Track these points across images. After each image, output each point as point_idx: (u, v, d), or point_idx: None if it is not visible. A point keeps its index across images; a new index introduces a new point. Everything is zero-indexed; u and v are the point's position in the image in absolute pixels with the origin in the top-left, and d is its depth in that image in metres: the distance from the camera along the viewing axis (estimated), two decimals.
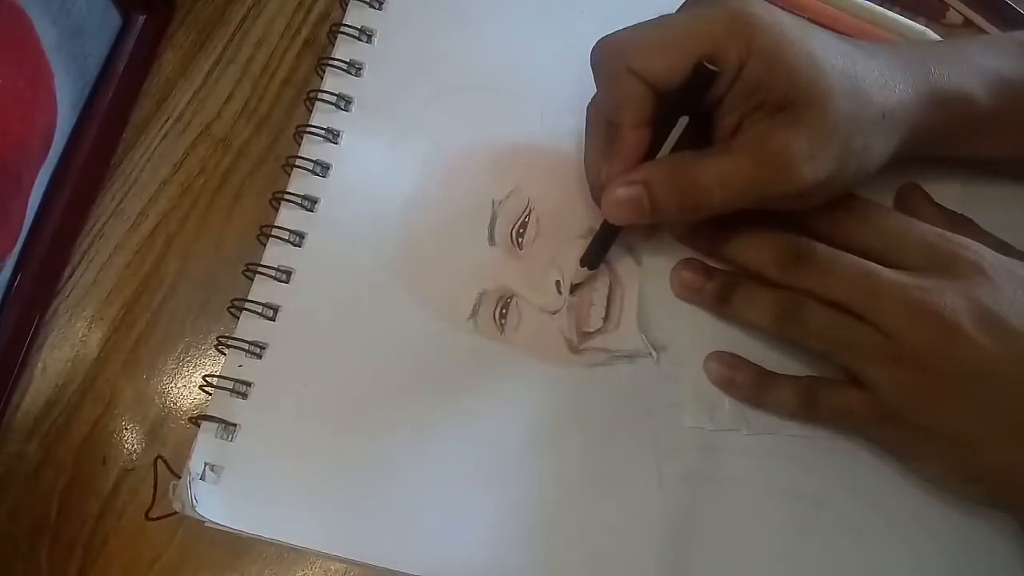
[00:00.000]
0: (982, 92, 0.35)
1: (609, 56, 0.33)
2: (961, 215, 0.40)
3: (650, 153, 0.34)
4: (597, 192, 0.37)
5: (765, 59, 0.31)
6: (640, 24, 0.33)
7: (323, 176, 0.39)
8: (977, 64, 0.36)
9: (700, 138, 0.34)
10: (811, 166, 0.32)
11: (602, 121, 0.35)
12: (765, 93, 0.31)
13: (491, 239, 0.38)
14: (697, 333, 0.38)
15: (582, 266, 0.37)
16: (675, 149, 0.34)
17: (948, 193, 0.40)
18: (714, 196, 0.32)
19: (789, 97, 0.31)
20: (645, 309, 0.38)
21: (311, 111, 0.40)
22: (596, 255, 0.37)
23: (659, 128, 0.33)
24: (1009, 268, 0.34)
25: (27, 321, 0.37)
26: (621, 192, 0.33)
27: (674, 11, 0.34)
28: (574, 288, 0.38)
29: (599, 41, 0.34)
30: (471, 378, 0.37)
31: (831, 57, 0.32)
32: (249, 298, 0.37)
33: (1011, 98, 0.36)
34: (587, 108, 0.37)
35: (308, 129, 0.39)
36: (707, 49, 0.31)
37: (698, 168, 0.32)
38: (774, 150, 0.31)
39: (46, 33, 0.35)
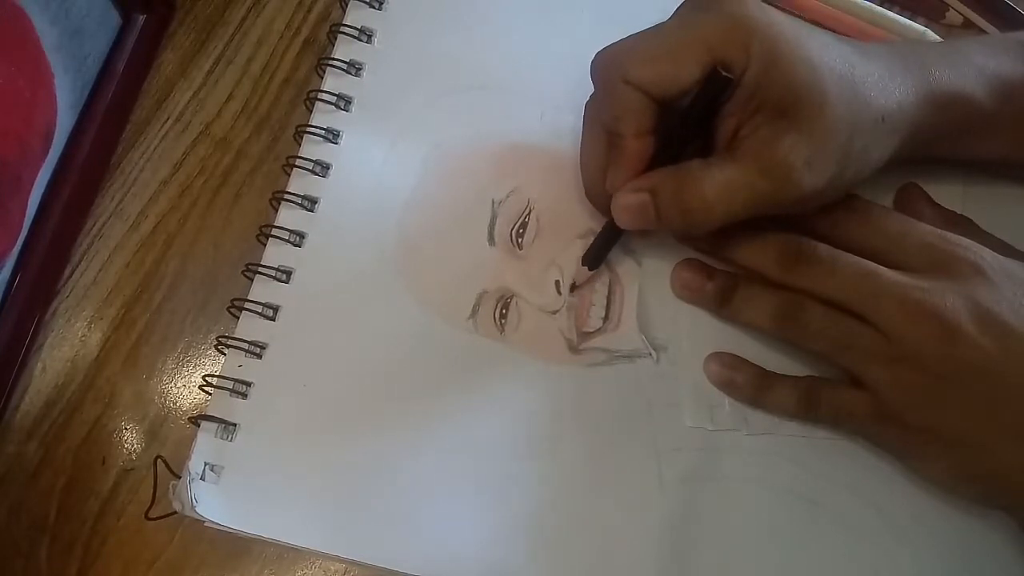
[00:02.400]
0: (982, 93, 0.35)
1: (606, 68, 0.33)
2: (961, 215, 0.40)
3: (656, 158, 0.33)
4: (591, 192, 0.37)
5: (762, 63, 0.31)
6: (637, 34, 0.33)
7: (323, 176, 0.39)
8: (977, 64, 0.36)
9: (698, 138, 0.34)
10: (811, 174, 0.32)
11: (598, 125, 0.35)
12: (763, 97, 0.31)
13: (491, 239, 0.38)
14: (697, 333, 0.38)
15: (583, 265, 0.37)
16: (680, 153, 0.33)
17: (948, 193, 0.40)
18: (718, 212, 0.32)
19: (787, 102, 0.31)
20: (645, 309, 0.38)
21: (311, 111, 0.40)
22: (597, 255, 0.37)
23: (668, 134, 0.33)
24: (1009, 269, 0.34)
25: (27, 321, 0.37)
26: (628, 199, 0.33)
27: (671, 18, 0.34)
28: (574, 288, 0.38)
29: (597, 53, 0.33)
30: (471, 378, 0.37)
31: (829, 61, 0.32)
32: (249, 298, 0.37)
33: (1011, 98, 0.36)
34: (584, 107, 0.36)
35: (308, 129, 0.39)
36: (703, 56, 0.31)
37: (702, 184, 0.32)
38: (776, 160, 0.31)
39: (46, 33, 0.35)
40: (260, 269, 0.37)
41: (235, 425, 0.35)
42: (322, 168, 0.39)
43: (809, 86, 0.31)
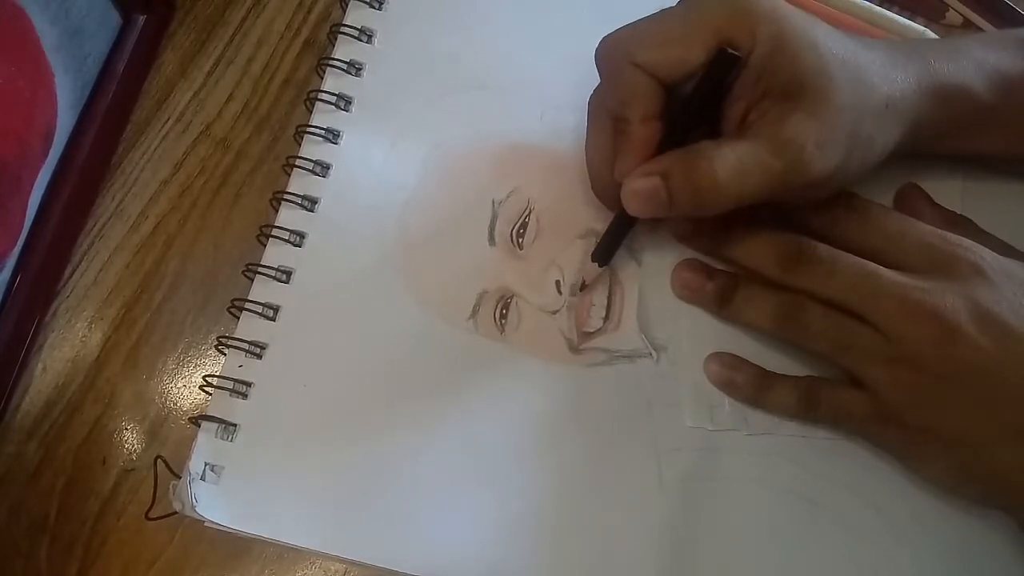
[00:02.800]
0: (982, 87, 0.35)
1: (612, 52, 0.33)
2: (961, 215, 0.40)
3: (663, 144, 0.33)
4: (598, 186, 0.37)
5: (769, 47, 0.31)
6: (643, 19, 0.33)
7: (323, 176, 0.39)
8: (976, 59, 0.36)
9: (704, 122, 0.34)
10: (821, 155, 0.31)
11: (604, 115, 0.35)
12: (769, 81, 0.31)
13: (491, 239, 0.38)
14: (697, 333, 0.38)
15: (593, 261, 0.37)
16: (686, 138, 0.33)
17: (948, 191, 0.40)
18: (730, 191, 0.32)
19: (794, 85, 0.31)
20: (645, 309, 0.38)
21: (311, 111, 0.40)
22: (607, 251, 0.37)
23: (674, 119, 0.33)
24: (1009, 269, 0.34)
25: (27, 321, 0.37)
26: (639, 184, 0.33)
27: (676, 4, 0.34)
28: (583, 287, 0.38)
29: (603, 39, 0.34)
30: (471, 378, 0.37)
31: (834, 47, 0.32)
32: (249, 298, 0.37)
33: (1011, 93, 0.36)
34: (589, 100, 0.36)
35: (308, 129, 0.39)
36: (710, 39, 0.31)
37: (714, 162, 0.31)
38: (787, 139, 0.31)
39: (46, 33, 0.35)
40: (260, 269, 0.37)
41: (235, 425, 0.35)
42: (322, 168, 0.39)
43: (815, 70, 0.31)
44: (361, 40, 0.41)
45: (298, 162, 0.39)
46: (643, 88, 0.32)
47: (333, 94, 0.40)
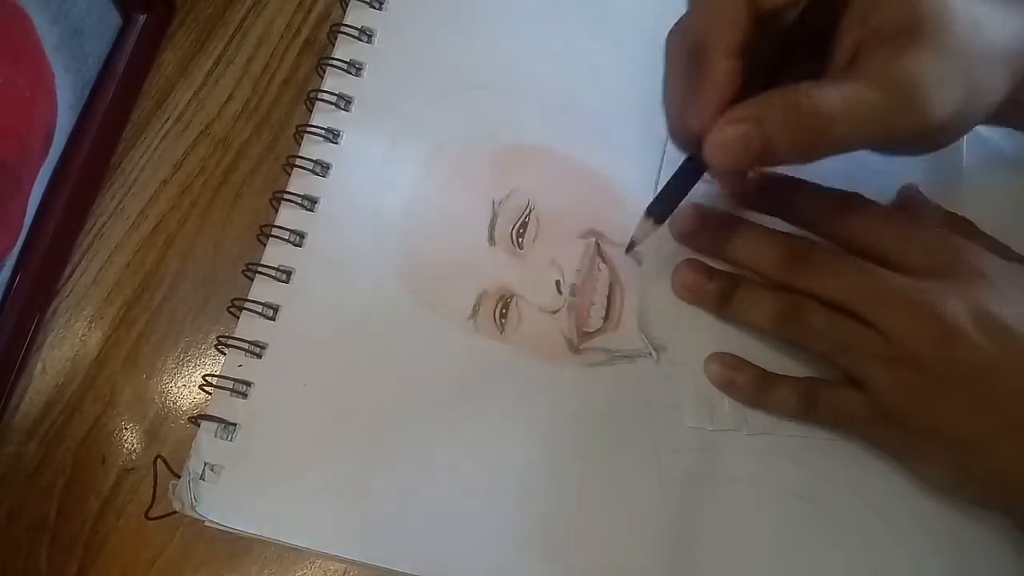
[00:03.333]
0: None
1: None
2: (961, 217, 0.39)
3: (745, 89, 0.30)
4: (677, 132, 0.33)
5: None
6: None
7: (323, 176, 0.39)
8: None
9: (803, 65, 0.31)
10: (940, 98, 0.29)
11: (685, 52, 0.32)
12: (883, 15, 0.29)
13: (491, 239, 0.38)
14: (697, 333, 0.38)
15: (648, 217, 0.35)
16: (777, 85, 0.30)
17: (948, 193, 0.40)
18: (838, 129, 0.28)
19: (910, 21, 0.29)
20: (645, 309, 0.38)
21: (311, 111, 0.40)
22: (667, 206, 0.34)
23: (770, 57, 0.30)
24: (1009, 271, 0.34)
25: (27, 321, 0.37)
26: (728, 131, 0.29)
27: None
28: (630, 246, 0.36)
29: None
30: (471, 378, 0.37)
31: None
32: (249, 298, 0.37)
33: None
34: (666, 39, 0.33)
35: (308, 129, 0.39)
36: None
37: (819, 98, 0.28)
38: (903, 78, 0.29)
39: (46, 33, 0.35)
40: (260, 269, 0.37)
41: (235, 425, 0.35)
42: (322, 168, 0.39)
43: (934, 7, 0.29)
44: (361, 40, 0.41)
45: (298, 162, 0.39)
46: (736, 13, 0.29)
47: (333, 94, 0.40)
